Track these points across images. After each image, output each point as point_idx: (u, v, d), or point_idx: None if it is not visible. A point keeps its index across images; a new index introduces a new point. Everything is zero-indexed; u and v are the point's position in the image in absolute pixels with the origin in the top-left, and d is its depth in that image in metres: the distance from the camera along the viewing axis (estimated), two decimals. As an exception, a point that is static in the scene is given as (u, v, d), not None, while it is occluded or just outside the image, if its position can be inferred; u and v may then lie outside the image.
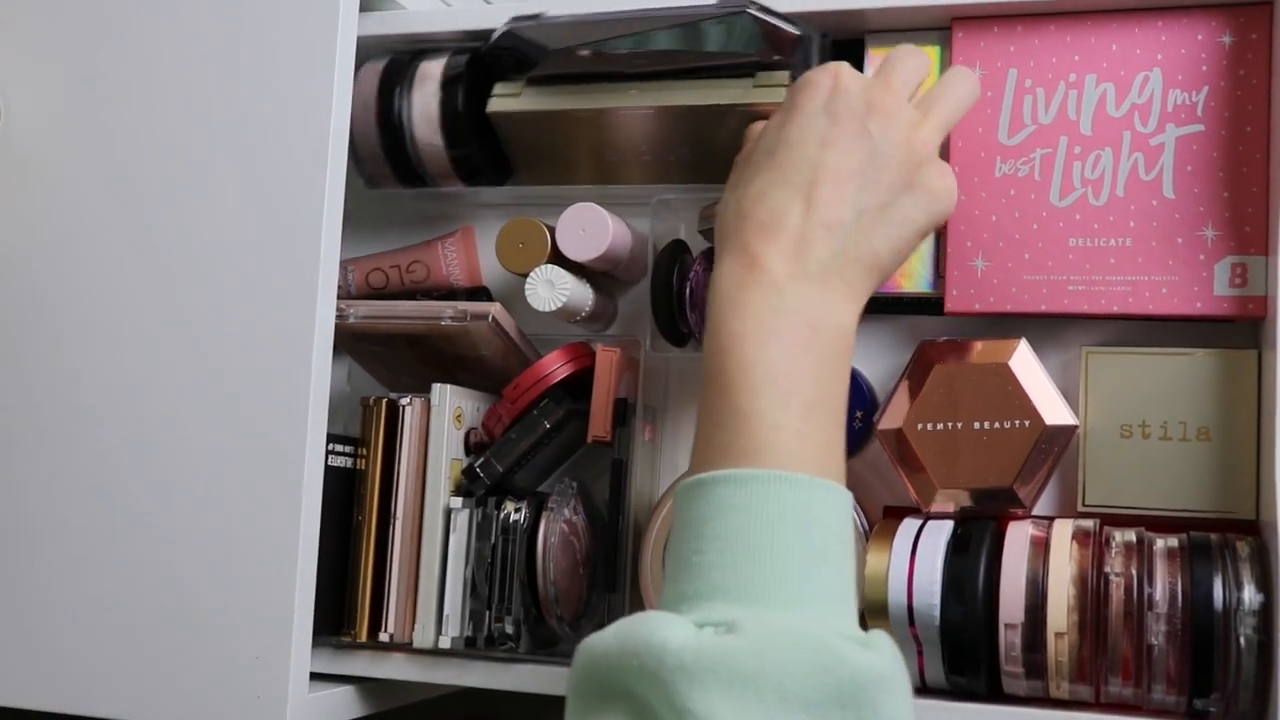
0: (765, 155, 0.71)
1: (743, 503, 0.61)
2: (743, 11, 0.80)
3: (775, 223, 0.67)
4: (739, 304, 0.66)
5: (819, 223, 0.67)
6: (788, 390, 0.64)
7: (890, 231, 0.69)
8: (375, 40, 0.90)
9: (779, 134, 0.71)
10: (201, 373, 0.83)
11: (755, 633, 0.56)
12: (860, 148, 0.69)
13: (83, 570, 0.84)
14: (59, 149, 0.88)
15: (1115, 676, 0.73)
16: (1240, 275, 0.77)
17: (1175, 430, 0.78)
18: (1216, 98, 0.78)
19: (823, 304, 0.66)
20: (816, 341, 0.66)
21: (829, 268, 0.67)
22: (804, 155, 0.69)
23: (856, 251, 0.68)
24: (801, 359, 0.65)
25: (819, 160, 0.69)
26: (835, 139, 0.69)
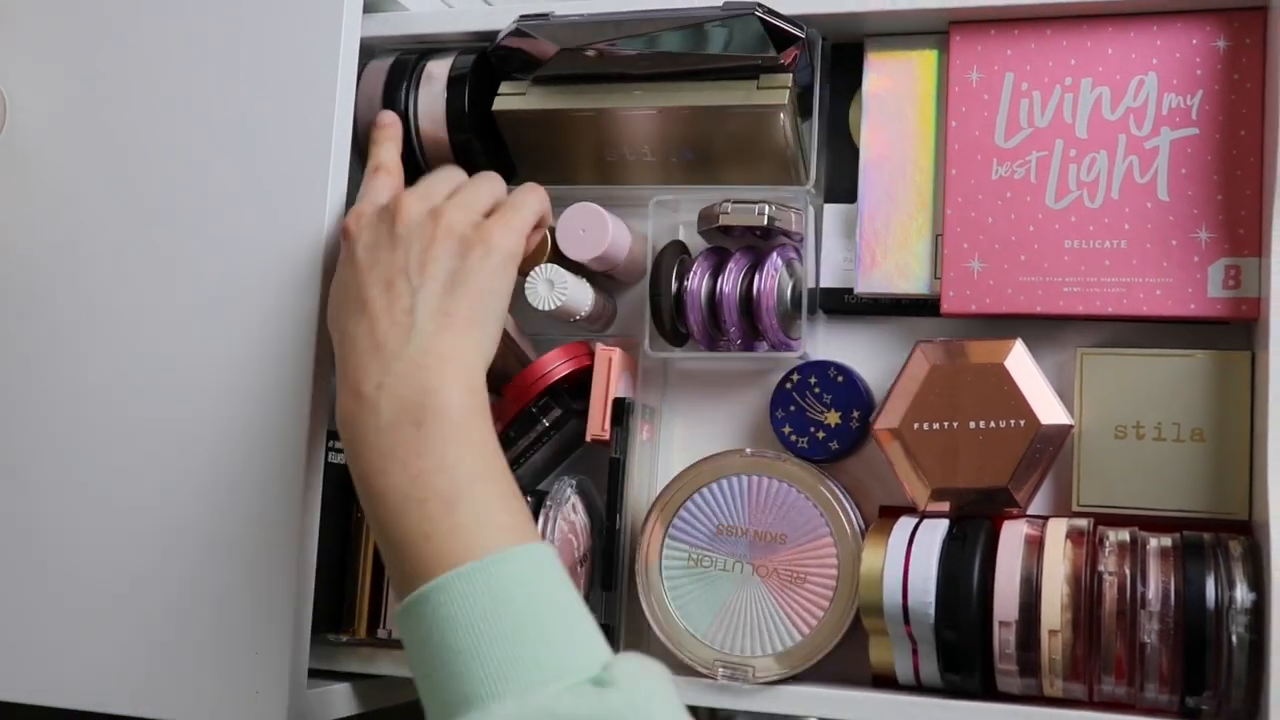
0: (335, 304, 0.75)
1: (438, 615, 0.63)
2: (749, 14, 0.81)
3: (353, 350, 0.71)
4: (352, 444, 0.69)
5: (386, 326, 0.70)
6: (422, 499, 0.66)
7: (457, 292, 0.72)
8: (379, 41, 0.90)
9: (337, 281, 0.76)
10: (203, 371, 0.83)
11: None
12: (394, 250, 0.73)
13: (81, 566, 0.84)
14: (62, 149, 0.88)
15: (1108, 675, 0.73)
16: (1234, 277, 0.77)
17: (1169, 431, 0.79)
18: (1211, 101, 0.78)
19: (419, 393, 0.68)
20: (427, 437, 0.67)
21: (412, 357, 0.69)
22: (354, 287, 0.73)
23: (434, 324, 0.70)
24: (420, 462, 0.67)
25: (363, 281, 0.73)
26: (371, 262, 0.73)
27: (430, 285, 0.71)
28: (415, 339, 0.70)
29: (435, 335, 0.70)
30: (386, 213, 0.75)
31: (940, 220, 0.83)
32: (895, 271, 0.84)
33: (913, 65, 0.85)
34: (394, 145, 0.83)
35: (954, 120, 0.82)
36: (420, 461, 0.67)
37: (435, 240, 0.72)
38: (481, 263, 0.73)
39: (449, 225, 0.73)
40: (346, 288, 0.74)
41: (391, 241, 0.73)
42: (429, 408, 0.68)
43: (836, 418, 0.84)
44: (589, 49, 0.84)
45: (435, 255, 0.72)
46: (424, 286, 0.71)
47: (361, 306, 0.72)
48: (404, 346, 0.69)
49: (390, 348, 0.69)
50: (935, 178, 0.84)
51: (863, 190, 0.85)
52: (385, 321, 0.70)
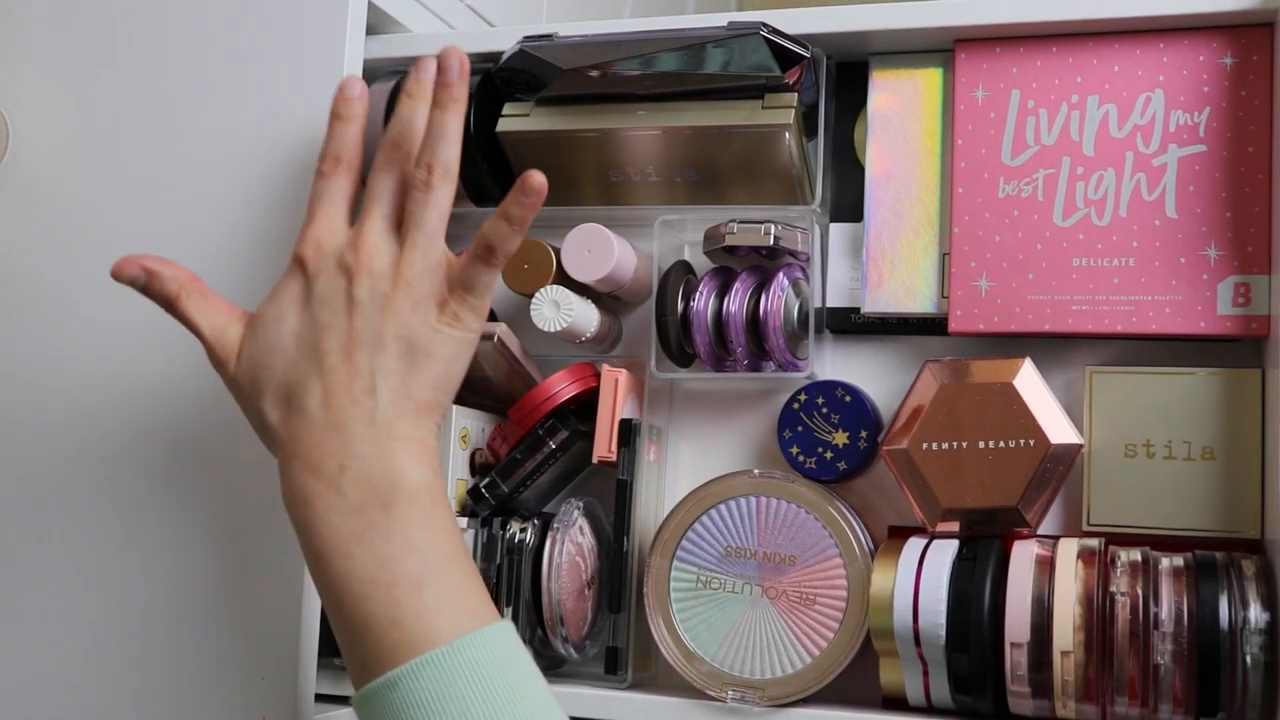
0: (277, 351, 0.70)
1: (405, 701, 0.62)
2: (754, 33, 0.81)
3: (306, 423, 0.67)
4: (309, 522, 0.66)
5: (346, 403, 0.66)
6: (389, 583, 0.64)
7: (420, 374, 0.68)
8: (381, 63, 0.90)
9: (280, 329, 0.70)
10: (207, 393, 0.83)
11: None
12: (353, 317, 0.68)
13: (87, 590, 0.84)
14: (65, 174, 0.88)
15: (1121, 696, 0.73)
16: (1243, 295, 0.77)
17: (1180, 449, 0.78)
18: (1219, 118, 0.78)
19: (386, 478, 0.66)
20: (394, 520, 0.65)
21: (375, 439, 0.66)
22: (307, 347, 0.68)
23: (397, 409, 0.67)
24: (389, 545, 0.65)
25: (320, 347, 0.68)
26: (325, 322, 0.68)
27: (391, 366, 0.68)
28: (378, 423, 0.66)
29: (398, 420, 0.67)
30: (345, 264, 0.69)
31: (947, 239, 0.83)
32: (902, 291, 0.84)
33: (918, 83, 0.85)
34: (357, 128, 0.73)
35: (960, 138, 0.82)
36: (388, 545, 0.65)
37: (397, 317, 0.68)
38: (447, 344, 0.69)
39: (410, 288, 0.68)
40: (298, 339, 0.69)
41: (350, 305, 0.68)
42: (396, 491, 0.66)
43: (844, 438, 0.84)
44: (593, 69, 0.84)
45: (397, 334, 0.68)
46: (385, 368, 0.67)
47: (317, 373, 0.68)
48: (367, 428, 0.66)
49: (352, 428, 0.66)
50: (942, 196, 0.84)
51: (869, 209, 0.85)
52: (344, 398, 0.67)
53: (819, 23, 0.83)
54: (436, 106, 0.71)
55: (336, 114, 0.73)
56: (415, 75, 0.73)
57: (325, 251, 0.70)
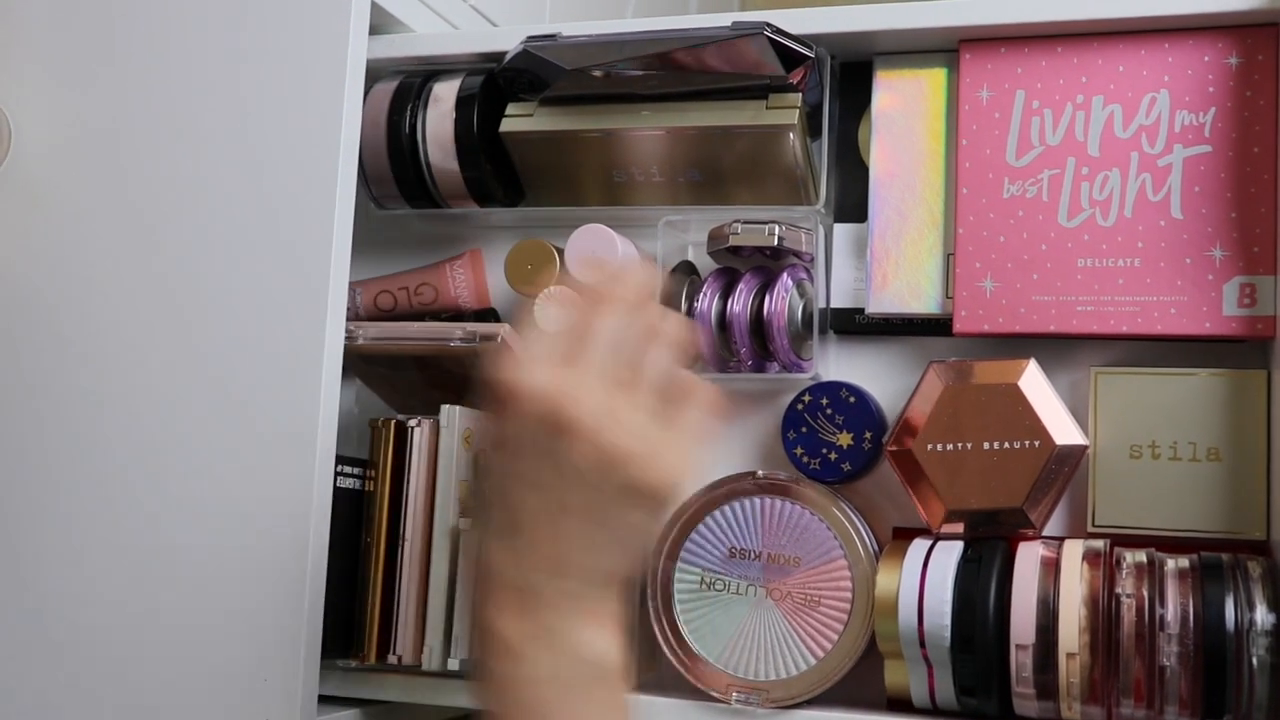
0: (483, 504, 0.67)
1: None
2: (758, 33, 0.80)
3: (495, 577, 0.64)
4: (495, 680, 0.64)
5: (531, 569, 0.63)
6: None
7: (614, 547, 0.65)
8: (384, 63, 0.90)
9: (487, 479, 0.66)
10: (211, 394, 0.83)
11: None
12: (560, 479, 0.63)
13: (91, 593, 0.83)
14: (68, 175, 0.88)
15: (1127, 698, 0.73)
16: (1249, 295, 0.77)
17: (1185, 450, 0.78)
18: (1224, 119, 0.78)
19: (571, 654, 0.63)
20: (578, 694, 0.63)
21: (563, 611, 0.63)
22: (500, 499, 0.65)
23: (586, 582, 0.64)
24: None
25: (513, 505, 0.64)
26: (532, 479, 0.63)
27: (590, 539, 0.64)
28: (569, 596, 0.63)
29: (586, 598, 0.64)
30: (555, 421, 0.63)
31: (951, 239, 0.82)
32: (906, 291, 0.84)
33: (922, 84, 0.85)
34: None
35: (965, 138, 0.82)
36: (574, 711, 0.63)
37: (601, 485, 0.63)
38: (643, 514, 0.65)
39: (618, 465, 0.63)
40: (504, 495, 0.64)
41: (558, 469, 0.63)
42: (580, 670, 0.63)
43: (849, 439, 0.83)
44: (596, 70, 0.84)
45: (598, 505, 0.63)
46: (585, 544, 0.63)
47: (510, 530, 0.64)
48: (557, 598, 0.63)
49: (540, 609, 0.63)
50: (946, 196, 0.83)
51: (873, 209, 0.85)
52: (530, 569, 0.63)
53: (823, 23, 0.83)
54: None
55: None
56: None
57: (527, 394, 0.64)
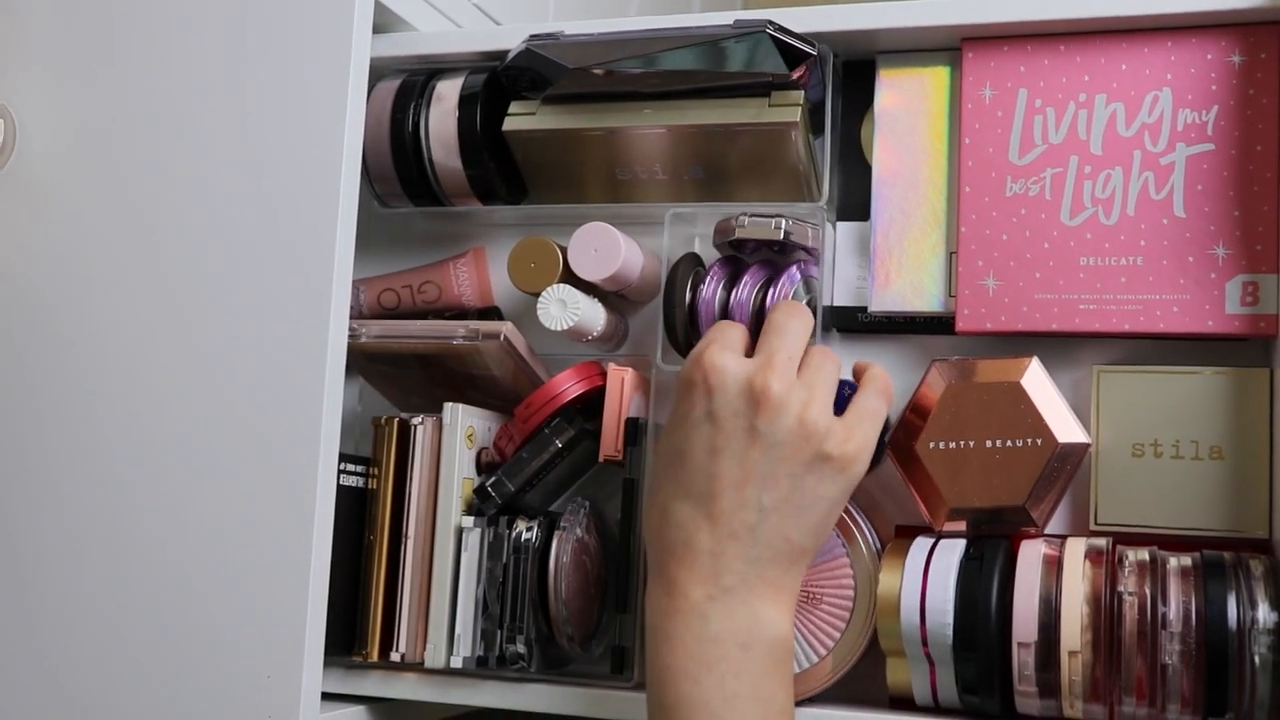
0: (665, 465, 0.71)
1: None
2: (760, 31, 0.80)
3: (684, 543, 0.68)
4: (668, 636, 0.68)
5: (726, 535, 0.67)
6: (727, 719, 0.66)
7: (803, 517, 0.69)
8: (387, 61, 0.90)
9: (671, 442, 0.71)
10: (213, 393, 0.83)
11: None
12: (751, 448, 0.68)
13: (93, 591, 0.84)
14: (72, 174, 0.88)
15: (1129, 696, 0.73)
16: (1252, 293, 0.77)
17: (1187, 449, 0.78)
18: (1226, 117, 0.78)
19: (750, 619, 0.67)
20: (750, 661, 0.67)
21: (747, 578, 0.68)
22: (697, 466, 0.69)
23: (773, 550, 0.68)
24: (737, 683, 0.66)
25: (712, 470, 0.68)
26: (723, 445, 0.69)
27: (781, 509, 0.69)
28: (754, 563, 0.68)
29: (772, 563, 0.68)
30: (753, 394, 0.70)
31: (954, 237, 0.83)
32: (909, 289, 0.84)
33: (925, 82, 0.85)
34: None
35: (967, 137, 0.82)
36: (737, 684, 0.66)
37: (797, 456, 0.69)
38: (833, 486, 0.70)
39: (815, 438, 0.69)
40: (685, 459, 0.70)
41: (751, 437, 0.69)
42: (759, 635, 0.67)
43: (851, 437, 0.83)
44: (599, 68, 0.84)
45: (793, 472, 0.69)
46: (774, 509, 0.68)
47: (705, 497, 0.68)
48: (742, 565, 0.68)
49: (727, 560, 0.68)
50: (949, 195, 0.83)
51: (875, 208, 0.85)
52: (725, 529, 0.68)
53: (826, 21, 0.83)
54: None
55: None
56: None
57: (728, 373, 0.71)
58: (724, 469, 0.68)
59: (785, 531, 0.68)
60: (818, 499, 0.70)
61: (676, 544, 0.68)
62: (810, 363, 0.74)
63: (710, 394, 0.70)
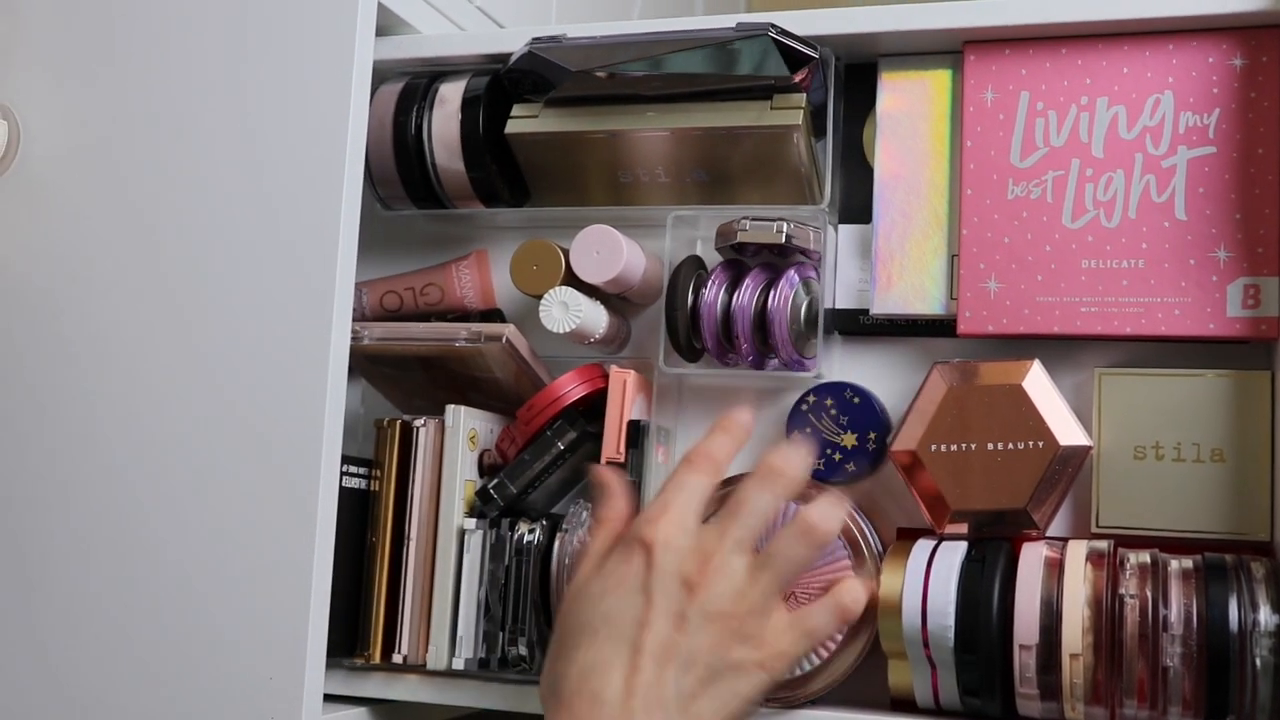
0: (586, 629, 0.69)
1: None
2: (763, 35, 0.81)
3: (597, 702, 0.65)
4: None
5: (641, 704, 0.65)
6: None
7: (718, 705, 0.68)
8: (390, 64, 0.90)
9: (598, 607, 0.69)
10: (216, 395, 0.83)
11: None
12: (678, 631, 0.67)
13: (96, 592, 0.84)
14: (75, 176, 0.88)
15: (1130, 699, 0.73)
16: (1253, 296, 0.77)
17: (1189, 451, 0.78)
18: (1228, 120, 0.78)
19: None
20: None
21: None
22: (621, 634, 0.67)
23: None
24: None
25: (637, 639, 0.67)
26: (651, 619, 0.67)
27: (701, 696, 0.67)
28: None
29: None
30: (689, 582, 0.68)
31: (956, 240, 0.83)
32: (911, 292, 0.84)
33: (927, 85, 0.85)
34: (734, 447, 0.73)
35: (969, 140, 0.82)
36: None
37: (716, 651, 0.68)
38: (747, 686, 0.69)
39: (738, 639, 0.68)
40: (612, 622, 0.68)
41: (682, 615, 0.67)
42: None
43: (853, 440, 0.84)
44: (601, 71, 0.84)
45: (711, 664, 0.68)
46: (688, 690, 0.67)
47: (624, 666, 0.66)
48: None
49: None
50: (950, 198, 0.83)
51: (877, 210, 0.85)
52: (641, 702, 0.65)
53: (827, 24, 0.83)
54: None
55: (722, 427, 0.73)
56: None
57: (672, 548, 0.69)
58: (650, 642, 0.67)
59: (697, 714, 0.67)
60: (734, 693, 0.68)
61: (590, 701, 0.66)
62: (775, 545, 0.71)
63: (651, 568, 0.68)
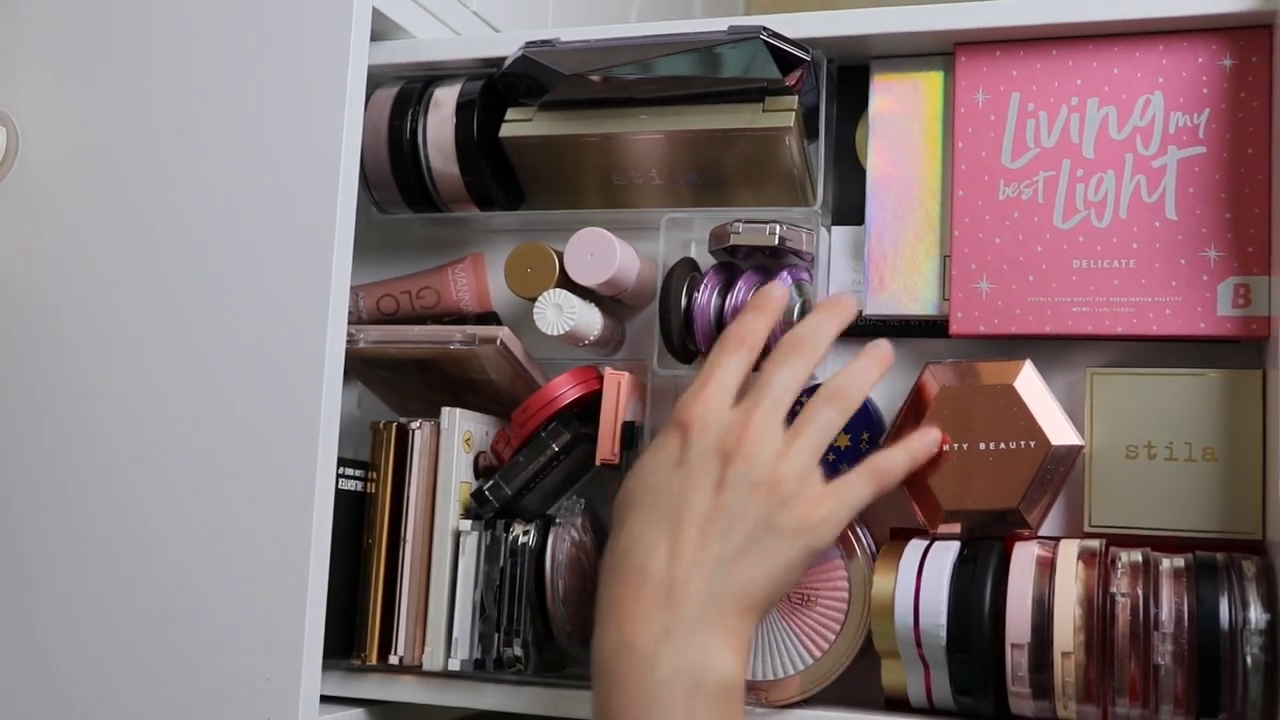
0: (632, 505, 0.71)
1: None
2: (754, 37, 0.81)
3: (641, 571, 0.68)
4: (615, 677, 0.67)
5: (689, 565, 0.67)
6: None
7: (759, 572, 0.69)
8: (385, 69, 0.91)
9: (642, 480, 0.72)
10: (213, 398, 0.83)
11: None
12: (719, 496, 0.69)
13: (92, 593, 0.84)
14: (74, 181, 0.89)
15: (1122, 697, 0.73)
16: (1243, 295, 0.77)
17: (1181, 450, 0.78)
18: (1218, 120, 0.78)
19: (702, 659, 0.66)
20: (698, 704, 0.66)
21: (703, 615, 0.67)
22: (666, 506, 0.69)
23: (732, 592, 0.68)
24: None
25: (680, 512, 0.69)
26: (691, 490, 0.69)
27: (740, 559, 0.68)
28: (714, 599, 0.67)
29: (730, 604, 0.68)
30: (725, 450, 0.70)
31: (948, 241, 0.83)
32: (903, 293, 0.84)
33: (919, 87, 0.85)
34: (769, 323, 0.76)
35: (960, 141, 0.82)
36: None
37: (757, 515, 0.69)
38: (790, 550, 0.70)
39: (778, 502, 0.70)
40: (658, 498, 0.70)
41: (719, 488, 0.69)
42: (710, 679, 0.66)
43: (846, 440, 0.84)
44: (595, 74, 0.85)
45: (753, 529, 0.69)
46: (734, 559, 0.68)
47: (671, 532, 0.68)
48: (698, 608, 0.67)
49: (684, 603, 0.67)
50: (942, 199, 0.84)
51: (870, 212, 0.85)
52: (689, 560, 0.68)
53: (820, 26, 0.83)
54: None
55: (756, 305, 0.76)
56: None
57: (710, 424, 0.71)
58: (691, 512, 0.69)
59: (744, 579, 0.68)
60: (776, 558, 0.69)
61: (634, 573, 0.68)
62: (810, 409, 0.73)
63: (688, 444, 0.71)
